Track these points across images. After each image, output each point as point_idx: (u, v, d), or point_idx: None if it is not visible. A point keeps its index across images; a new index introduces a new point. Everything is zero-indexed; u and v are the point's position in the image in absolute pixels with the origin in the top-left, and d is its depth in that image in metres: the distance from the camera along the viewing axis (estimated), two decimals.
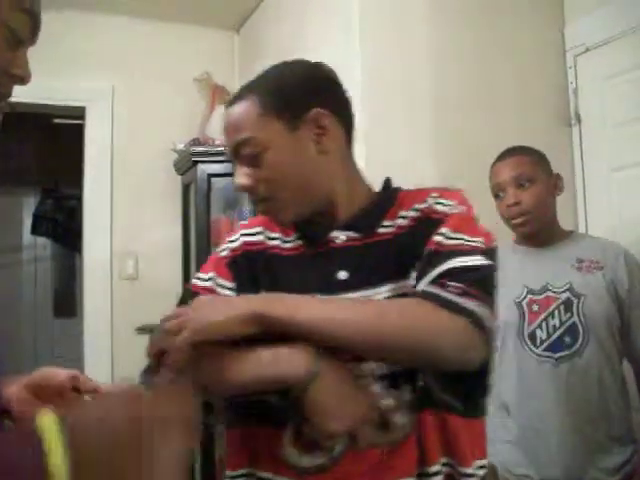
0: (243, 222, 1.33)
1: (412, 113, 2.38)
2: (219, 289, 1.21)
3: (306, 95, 1.16)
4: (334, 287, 1.13)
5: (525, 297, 1.98)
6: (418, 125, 2.38)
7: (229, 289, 1.21)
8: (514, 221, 2.01)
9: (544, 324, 1.95)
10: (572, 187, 2.61)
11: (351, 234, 1.17)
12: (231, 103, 1.19)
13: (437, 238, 1.08)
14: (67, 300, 5.77)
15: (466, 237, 1.09)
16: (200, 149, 3.08)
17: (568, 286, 1.94)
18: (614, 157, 2.51)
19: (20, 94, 3.19)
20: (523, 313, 1.97)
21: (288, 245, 1.23)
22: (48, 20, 3.18)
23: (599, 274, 1.94)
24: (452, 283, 1.02)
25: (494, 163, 2.08)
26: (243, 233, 1.28)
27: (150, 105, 3.50)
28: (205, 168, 3.07)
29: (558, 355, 1.91)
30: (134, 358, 1.12)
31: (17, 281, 5.73)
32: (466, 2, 2.54)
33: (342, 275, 1.14)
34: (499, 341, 2.01)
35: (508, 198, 2.00)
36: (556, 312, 1.94)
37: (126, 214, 3.42)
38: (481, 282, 1.04)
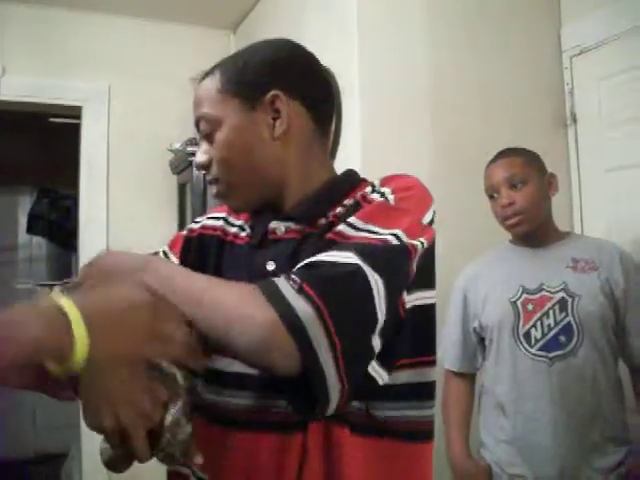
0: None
1: (410, 114, 2.39)
2: None
3: (268, 76, 1.10)
4: (259, 277, 1.03)
5: (520, 296, 1.99)
6: (416, 126, 2.39)
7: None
8: (508, 222, 2.02)
9: (539, 323, 1.95)
10: (568, 187, 2.61)
11: (291, 225, 1.11)
12: (201, 79, 1.14)
13: (340, 227, 0.98)
14: None
15: (375, 229, 0.96)
16: (196, 149, 3.07)
17: (563, 286, 1.95)
18: (610, 158, 2.51)
19: (17, 93, 3.21)
20: (518, 312, 1.97)
21: (243, 234, 1.19)
22: (45, 20, 3.22)
23: (594, 274, 1.94)
24: (296, 275, 0.88)
25: (488, 165, 2.09)
26: (208, 217, 1.27)
27: (146, 105, 3.51)
28: None
29: (553, 355, 1.91)
30: None
31: (13, 280, 5.73)
32: (463, 4, 2.55)
33: (270, 266, 1.09)
34: (494, 341, 2.02)
35: (501, 199, 2.01)
36: (551, 312, 1.94)
37: (122, 213, 3.42)
38: (330, 281, 0.87)
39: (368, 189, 1.05)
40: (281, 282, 0.87)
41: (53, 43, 3.35)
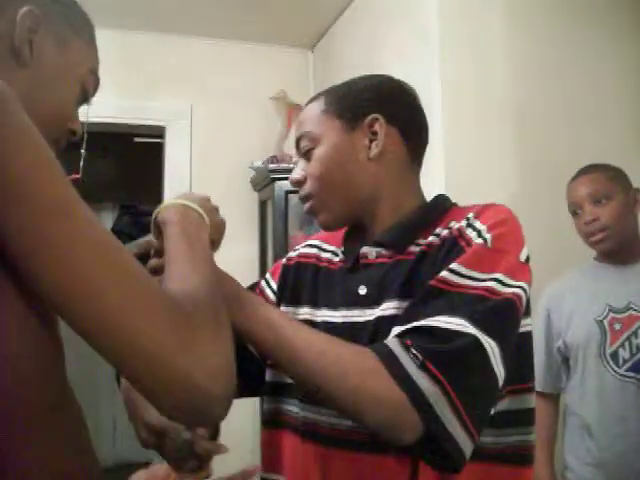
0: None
1: (492, 129, 2.37)
2: (266, 288, 1.36)
3: (370, 100, 1.18)
4: (353, 301, 1.15)
5: (607, 315, 1.95)
6: (499, 141, 2.36)
7: (272, 291, 1.34)
8: (592, 238, 1.98)
9: (627, 343, 1.91)
10: None
11: (382, 251, 1.16)
12: (307, 104, 1.25)
13: (443, 274, 1.00)
14: None
15: (478, 274, 0.99)
16: (277, 166, 3.13)
17: None
18: None
19: (103, 114, 3.30)
20: (605, 332, 1.93)
21: (337, 259, 1.25)
22: (128, 43, 3.33)
23: None
24: (416, 350, 0.91)
25: (570, 182, 2.08)
26: (305, 244, 1.36)
27: (227, 123, 3.58)
28: (282, 185, 3.11)
29: None
30: None
31: None
32: (546, 15, 2.51)
33: (362, 290, 1.14)
34: (579, 361, 1.98)
35: (585, 215, 1.98)
36: (639, 331, 1.90)
37: None
38: (451, 357, 0.92)
39: (463, 223, 1.07)
40: (402, 356, 0.92)
41: (136, 65, 3.46)
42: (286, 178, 3.07)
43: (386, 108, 1.17)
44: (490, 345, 0.93)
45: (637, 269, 1.99)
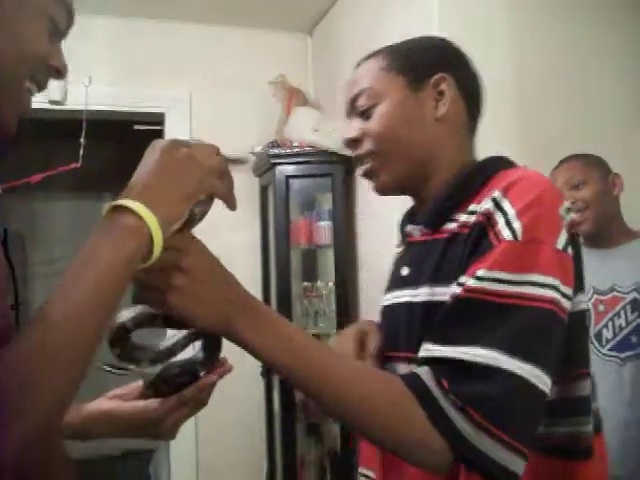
0: None
1: (493, 109, 2.35)
2: None
3: (437, 59, 1.16)
4: (397, 283, 1.16)
5: (591, 297, 1.98)
6: (499, 121, 2.35)
7: None
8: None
9: (610, 324, 1.94)
10: None
11: (423, 228, 1.14)
12: (357, 65, 1.21)
13: (472, 284, 0.93)
14: None
15: (509, 277, 0.91)
16: (278, 151, 3.12)
17: (635, 286, 1.93)
18: None
19: (102, 102, 3.31)
20: (589, 313, 1.95)
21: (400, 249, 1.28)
22: (126, 30, 3.32)
23: None
24: (454, 395, 0.87)
25: (552, 171, 2.15)
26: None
27: (226, 109, 3.57)
28: (283, 170, 3.11)
29: (624, 355, 1.90)
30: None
31: None
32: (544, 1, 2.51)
33: (404, 271, 1.15)
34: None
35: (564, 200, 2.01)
36: (622, 312, 1.93)
37: (205, 217, 3.48)
38: (493, 401, 0.87)
39: (490, 205, 0.98)
40: (440, 398, 0.88)
41: (135, 52, 3.45)
42: (287, 162, 3.08)
43: (453, 69, 1.15)
44: (531, 373, 0.88)
45: (620, 251, 2.02)
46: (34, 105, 0.95)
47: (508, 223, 0.94)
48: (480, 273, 0.93)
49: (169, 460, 3.54)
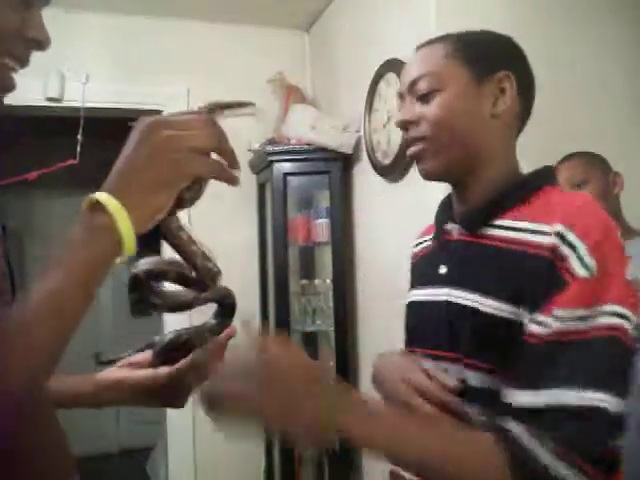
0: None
1: None
2: None
3: (500, 57, 1.18)
4: (435, 280, 1.20)
5: None
6: None
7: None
8: None
9: None
10: None
11: (461, 229, 1.19)
12: (419, 48, 1.23)
13: (552, 324, 0.96)
14: (143, 300, 5.91)
15: (586, 312, 0.95)
16: (276, 148, 3.12)
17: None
18: None
19: (99, 99, 3.31)
20: None
21: (424, 245, 1.35)
22: (123, 27, 3.31)
23: None
24: (550, 441, 0.90)
25: (557, 164, 2.15)
26: (414, 246, 1.42)
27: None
28: (281, 167, 3.10)
29: None
30: None
31: None
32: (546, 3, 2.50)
33: (442, 269, 1.19)
34: None
35: None
36: None
37: (203, 214, 3.47)
38: (603, 453, 0.91)
39: (556, 240, 1.00)
40: (534, 446, 0.90)
41: (132, 50, 3.44)
42: (285, 160, 3.08)
43: (516, 69, 1.17)
44: (617, 404, 0.92)
45: None
46: (32, 102, 0.94)
47: (580, 259, 0.97)
48: (560, 313, 0.96)
49: (167, 457, 3.54)
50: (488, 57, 1.17)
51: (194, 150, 0.76)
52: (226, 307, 1.00)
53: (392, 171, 2.63)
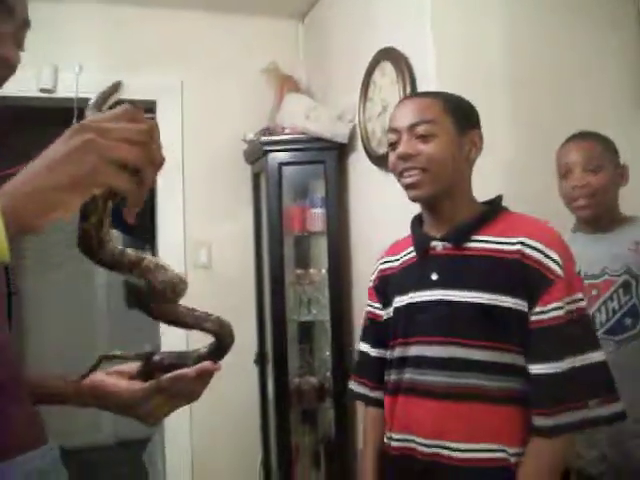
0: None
1: (488, 94, 2.33)
2: (376, 310, 1.79)
3: (473, 118, 1.64)
4: (426, 285, 1.58)
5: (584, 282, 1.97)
6: (495, 107, 2.33)
7: (379, 308, 1.78)
8: (576, 203, 2.01)
9: (603, 307, 1.95)
10: None
11: (447, 244, 1.58)
12: (416, 95, 1.87)
13: (554, 313, 1.45)
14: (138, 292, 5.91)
15: (570, 299, 1.47)
16: (270, 138, 3.12)
17: (626, 268, 1.93)
18: None
19: (93, 90, 3.27)
20: None
21: (400, 261, 1.72)
22: (117, 18, 3.29)
23: None
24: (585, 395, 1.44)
25: (564, 145, 2.09)
26: (378, 267, 1.83)
27: (218, 97, 3.55)
28: (275, 157, 3.10)
29: (619, 338, 1.90)
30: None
31: (90, 273, 5.90)
32: None
33: (434, 276, 1.57)
34: None
35: (576, 179, 2.00)
36: (615, 295, 1.93)
37: (198, 204, 3.49)
38: (610, 378, 1.49)
39: (538, 255, 1.48)
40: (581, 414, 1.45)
41: (126, 40, 3.42)
42: (279, 149, 3.07)
43: (479, 127, 1.64)
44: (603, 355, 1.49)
45: (610, 236, 2.02)
46: (25, 94, 0.94)
47: (558, 264, 1.47)
48: (558, 304, 1.45)
49: (163, 449, 3.54)
50: (467, 117, 1.61)
51: (114, 162, 0.71)
52: (222, 346, 1.01)
53: (387, 160, 2.62)
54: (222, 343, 1.00)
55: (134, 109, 0.76)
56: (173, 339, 3.08)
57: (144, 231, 5.06)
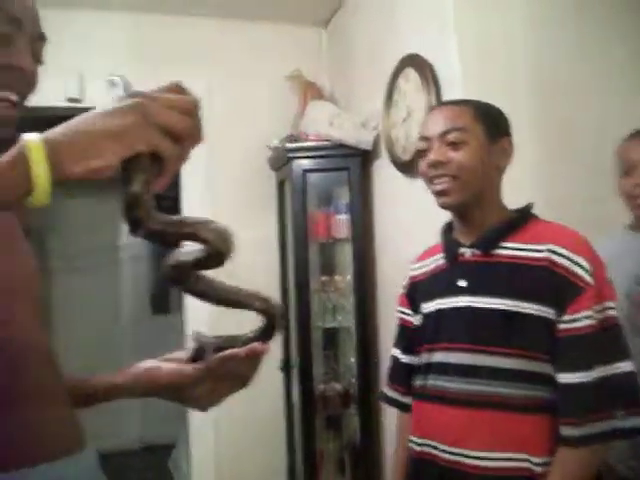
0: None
1: (513, 99, 2.31)
2: (406, 317, 1.81)
3: (504, 126, 1.64)
4: (454, 291, 1.59)
5: (636, 288, 1.93)
6: (521, 112, 2.31)
7: (409, 314, 1.79)
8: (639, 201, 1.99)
9: None
10: None
11: (475, 251, 1.59)
12: (446, 103, 1.80)
13: (585, 322, 1.43)
14: (163, 297, 5.95)
15: (599, 307, 1.44)
16: (295, 145, 3.12)
17: None
18: None
19: (112, 97, 3.29)
20: (636, 305, 1.91)
21: (429, 267, 1.74)
22: (146, 24, 3.31)
23: None
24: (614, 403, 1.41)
25: (628, 140, 2.06)
26: (409, 274, 1.82)
27: (243, 103, 3.57)
28: (300, 163, 3.11)
29: None
30: None
31: (116, 279, 5.95)
32: None
33: (462, 283, 1.58)
34: None
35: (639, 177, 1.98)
36: None
37: (223, 211, 3.49)
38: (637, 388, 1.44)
39: (566, 262, 1.46)
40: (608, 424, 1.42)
41: (151, 48, 3.45)
42: (304, 156, 3.08)
43: (510, 134, 1.64)
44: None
45: None
46: (53, 103, 0.97)
47: (587, 272, 1.45)
48: (588, 313, 1.43)
49: (189, 454, 3.56)
50: (497, 125, 1.62)
51: (159, 126, 0.74)
52: (272, 326, 0.99)
53: (411, 166, 2.62)
54: (271, 323, 0.98)
55: (180, 84, 0.80)
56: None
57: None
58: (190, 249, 0.87)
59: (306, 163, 3.12)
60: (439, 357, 1.60)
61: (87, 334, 5.47)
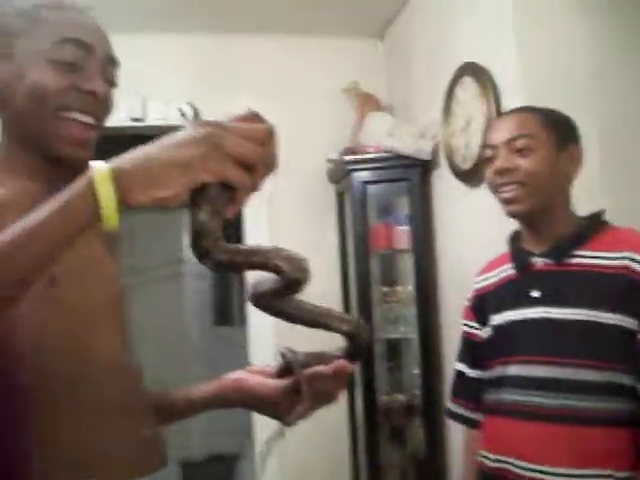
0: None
1: (573, 107, 2.27)
2: (471, 329, 1.76)
3: (572, 133, 1.61)
4: (527, 303, 1.55)
5: None
6: (583, 118, 2.26)
7: (476, 328, 1.73)
8: None
9: None
10: None
11: (547, 260, 1.55)
12: (514, 110, 1.72)
13: None
14: (225, 310, 6.02)
15: None
16: (354, 157, 3.14)
17: None
18: None
19: (174, 116, 3.36)
20: None
21: (497, 278, 1.68)
22: (199, 46, 3.36)
23: None
24: None
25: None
26: (474, 287, 1.78)
27: (300, 118, 3.59)
28: (359, 176, 3.12)
29: None
30: None
31: (179, 292, 6.04)
32: None
33: (535, 293, 1.54)
34: None
35: None
36: None
37: (283, 225, 3.52)
38: None
39: (627, 262, 1.44)
40: None
41: (211, 66, 3.51)
42: (363, 168, 3.09)
43: (579, 142, 1.61)
44: None
45: None
46: (117, 123, 1.01)
47: None
48: None
49: (253, 466, 3.57)
50: (565, 132, 1.59)
51: (228, 154, 0.74)
52: (357, 349, 1.00)
53: (472, 176, 2.60)
54: (359, 346, 0.99)
55: (255, 112, 0.81)
56: (262, 355, 3.12)
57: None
58: (267, 278, 0.89)
59: (365, 175, 3.13)
60: (514, 370, 1.55)
61: (155, 349, 5.55)
